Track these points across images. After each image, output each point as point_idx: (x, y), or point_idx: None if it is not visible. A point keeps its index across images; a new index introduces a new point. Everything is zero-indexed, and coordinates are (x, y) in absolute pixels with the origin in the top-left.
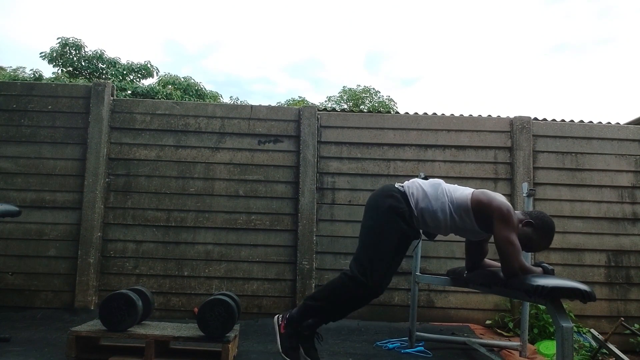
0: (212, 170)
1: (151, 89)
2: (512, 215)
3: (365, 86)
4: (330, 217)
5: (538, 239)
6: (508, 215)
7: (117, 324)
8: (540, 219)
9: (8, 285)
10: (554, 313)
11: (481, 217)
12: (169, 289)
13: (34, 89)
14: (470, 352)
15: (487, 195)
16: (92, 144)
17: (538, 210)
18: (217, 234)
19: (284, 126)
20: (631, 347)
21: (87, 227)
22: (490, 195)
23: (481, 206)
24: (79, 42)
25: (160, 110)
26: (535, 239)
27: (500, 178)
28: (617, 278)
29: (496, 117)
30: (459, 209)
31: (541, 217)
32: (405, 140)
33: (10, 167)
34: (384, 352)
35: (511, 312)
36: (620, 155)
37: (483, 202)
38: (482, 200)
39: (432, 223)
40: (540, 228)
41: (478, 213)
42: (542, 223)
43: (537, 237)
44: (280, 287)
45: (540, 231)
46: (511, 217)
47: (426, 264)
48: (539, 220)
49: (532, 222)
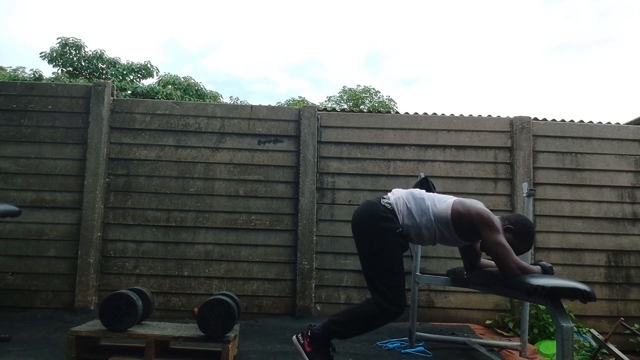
0: (212, 170)
1: (151, 89)
2: (494, 219)
3: (365, 86)
4: (330, 217)
5: (518, 242)
6: (490, 220)
7: (117, 324)
8: (518, 222)
9: (8, 285)
10: (554, 313)
11: (462, 228)
12: (169, 289)
13: (34, 89)
14: (470, 352)
15: (464, 205)
16: (92, 144)
17: (515, 214)
18: (217, 234)
19: (284, 126)
20: (631, 347)
21: (87, 227)
22: (467, 205)
23: (460, 217)
24: (79, 42)
25: (160, 110)
26: (515, 243)
27: (500, 178)
28: (617, 278)
29: (496, 117)
30: (440, 222)
31: (519, 220)
32: (405, 140)
33: (10, 167)
34: (384, 352)
35: (511, 312)
36: (620, 155)
37: (462, 213)
38: (461, 211)
39: (416, 238)
40: (519, 232)
41: (458, 224)
42: (520, 227)
43: (517, 240)
44: (280, 287)
45: (519, 235)
46: (493, 220)
47: (426, 264)
48: (517, 224)
49: (511, 228)
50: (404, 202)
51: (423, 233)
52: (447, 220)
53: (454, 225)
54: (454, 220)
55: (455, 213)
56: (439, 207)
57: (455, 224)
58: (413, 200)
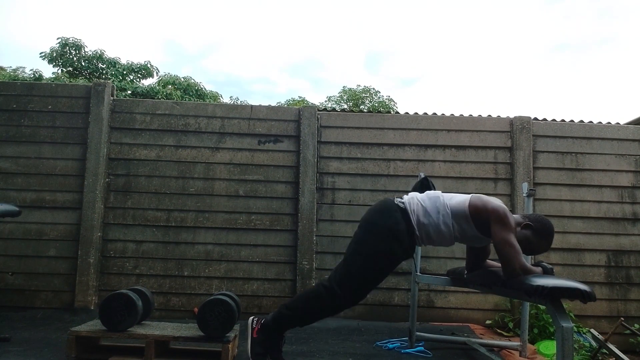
0: (212, 170)
1: (151, 89)
2: (509, 217)
3: (365, 86)
4: (330, 217)
5: (537, 241)
6: (504, 217)
7: (117, 324)
8: (539, 221)
9: (8, 285)
10: (554, 313)
11: (480, 223)
12: (169, 289)
13: (34, 89)
14: (470, 352)
15: (482, 200)
16: (92, 144)
17: (536, 213)
18: (217, 234)
19: (284, 126)
20: (631, 347)
21: (87, 227)
22: (485, 200)
23: (478, 211)
24: (79, 42)
25: (160, 110)
26: (534, 242)
27: (500, 178)
28: (617, 278)
29: (496, 117)
30: (459, 217)
31: (540, 219)
32: (405, 140)
33: (10, 167)
34: (384, 352)
35: (511, 312)
36: (620, 155)
37: (479, 207)
38: (478, 205)
39: (436, 237)
40: (540, 230)
41: (477, 219)
42: (541, 226)
43: (537, 239)
44: (280, 287)
45: (539, 234)
46: (507, 218)
47: (426, 264)
48: (537, 222)
49: (531, 225)
50: (418, 202)
51: (442, 230)
52: (466, 215)
53: (472, 219)
54: (472, 214)
55: (473, 206)
56: (455, 201)
57: (474, 218)
58: (428, 200)
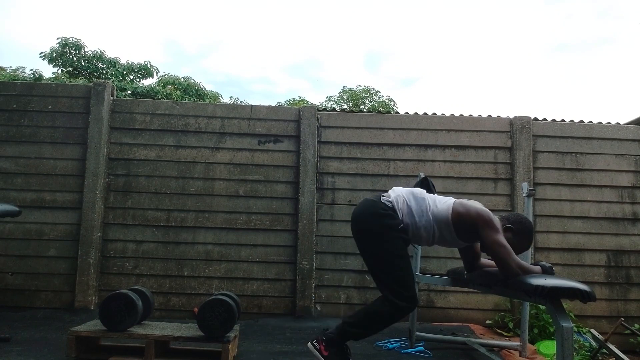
0: (212, 170)
1: (151, 89)
2: (494, 220)
3: (365, 86)
4: (330, 217)
5: (518, 241)
6: (490, 220)
7: (117, 324)
8: (518, 222)
9: (8, 285)
10: (554, 313)
11: (462, 229)
12: (169, 289)
13: (34, 89)
14: (470, 352)
15: (464, 206)
16: (92, 144)
17: (514, 213)
18: (217, 234)
19: (284, 126)
20: (631, 347)
21: (87, 227)
22: (467, 206)
23: (461, 218)
24: (79, 42)
25: (160, 110)
26: (515, 242)
27: (500, 178)
28: (617, 278)
29: (496, 117)
30: (440, 223)
31: (518, 220)
32: (405, 140)
33: (10, 167)
34: (384, 352)
35: (511, 312)
36: (620, 155)
37: (462, 214)
38: (461, 212)
39: (413, 238)
40: (519, 231)
41: (458, 225)
42: (520, 226)
43: (517, 239)
44: (280, 287)
45: (519, 234)
46: (493, 221)
47: (426, 264)
48: (517, 223)
49: (511, 227)
50: (404, 200)
51: (421, 233)
52: (448, 222)
53: (454, 226)
54: (455, 221)
55: (455, 214)
56: (439, 207)
57: (456, 225)
58: (414, 199)
